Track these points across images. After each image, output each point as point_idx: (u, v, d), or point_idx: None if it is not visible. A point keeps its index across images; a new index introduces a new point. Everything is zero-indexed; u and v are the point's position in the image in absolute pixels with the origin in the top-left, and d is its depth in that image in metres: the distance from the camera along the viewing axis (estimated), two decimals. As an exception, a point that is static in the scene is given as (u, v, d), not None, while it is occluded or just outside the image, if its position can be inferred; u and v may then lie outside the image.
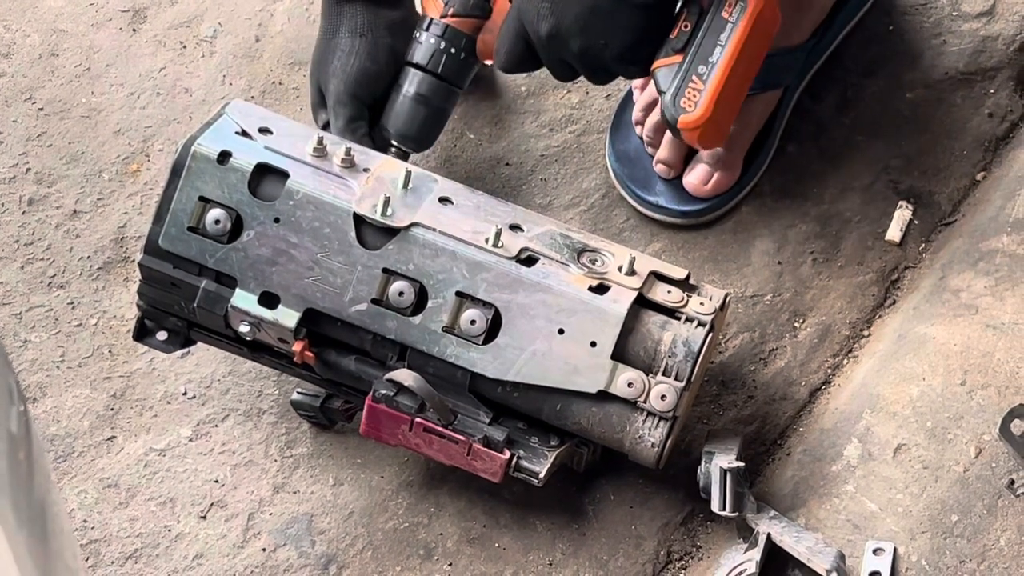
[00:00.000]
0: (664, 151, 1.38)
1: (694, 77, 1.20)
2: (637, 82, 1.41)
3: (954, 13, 1.48)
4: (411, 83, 1.32)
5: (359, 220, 1.20)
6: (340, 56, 1.31)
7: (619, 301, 1.19)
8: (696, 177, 1.38)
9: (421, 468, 1.30)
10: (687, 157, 1.39)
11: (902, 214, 1.40)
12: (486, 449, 1.19)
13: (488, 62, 1.34)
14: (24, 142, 1.45)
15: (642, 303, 1.20)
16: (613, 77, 1.27)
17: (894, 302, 1.38)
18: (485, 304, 1.19)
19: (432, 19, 1.32)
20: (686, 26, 1.23)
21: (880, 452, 1.26)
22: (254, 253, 1.20)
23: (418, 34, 1.32)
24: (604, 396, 1.18)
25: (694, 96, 1.20)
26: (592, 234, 1.30)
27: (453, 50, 1.32)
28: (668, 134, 1.38)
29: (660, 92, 1.23)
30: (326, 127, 1.32)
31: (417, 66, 1.32)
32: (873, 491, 1.24)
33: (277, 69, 1.49)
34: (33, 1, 1.52)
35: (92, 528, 1.29)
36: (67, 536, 0.90)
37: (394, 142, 1.33)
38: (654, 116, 1.39)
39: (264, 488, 1.30)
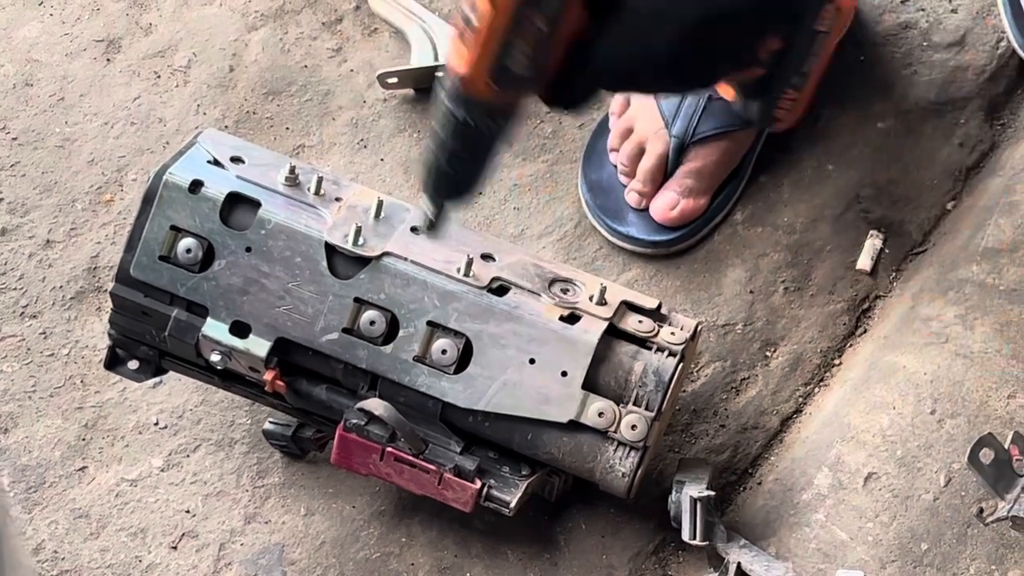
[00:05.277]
0: (639, 181, 1.39)
1: (788, 89, 1.19)
2: (614, 109, 1.42)
3: (925, 44, 1.48)
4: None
5: (331, 249, 1.20)
6: None
7: (590, 331, 1.19)
8: (663, 202, 1.38)
9: (393, 498, 1.30)
10: (660, 186, 1.39)
11: (873, 243, 1.40)
12: (457, 479, 1.19)
13: None
14: (-3, 171, 1.45)
15: (613, 333, 1.21)
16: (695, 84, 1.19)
17: (865, 331, 1.38)
18: (456, 333, 1.19)
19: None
20: (774, 44, 1.21)
21: (850, 481, 1.26)
22: (225, 282, 1.20)
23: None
24: (575, 426, 1.18)
25: (788, 104, 1.20)
26: (564, 264, 1.30)
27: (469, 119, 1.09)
28: (643, 163, 1.39)
29: (745, 100, 1.20)
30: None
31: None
32: (843, 520, 1.25)
33: (251, 99, 1.49)
34: (7, 31, 1.53)
35: (63, 559, 1.28)
36: (26, 570, 0.89)
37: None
38: (629, 144, 1.39)
39: (235, 518, 1.30)
